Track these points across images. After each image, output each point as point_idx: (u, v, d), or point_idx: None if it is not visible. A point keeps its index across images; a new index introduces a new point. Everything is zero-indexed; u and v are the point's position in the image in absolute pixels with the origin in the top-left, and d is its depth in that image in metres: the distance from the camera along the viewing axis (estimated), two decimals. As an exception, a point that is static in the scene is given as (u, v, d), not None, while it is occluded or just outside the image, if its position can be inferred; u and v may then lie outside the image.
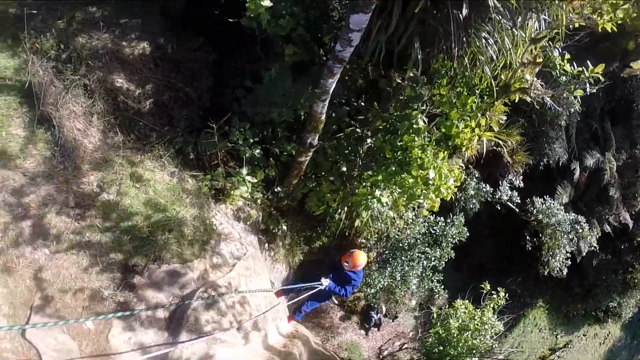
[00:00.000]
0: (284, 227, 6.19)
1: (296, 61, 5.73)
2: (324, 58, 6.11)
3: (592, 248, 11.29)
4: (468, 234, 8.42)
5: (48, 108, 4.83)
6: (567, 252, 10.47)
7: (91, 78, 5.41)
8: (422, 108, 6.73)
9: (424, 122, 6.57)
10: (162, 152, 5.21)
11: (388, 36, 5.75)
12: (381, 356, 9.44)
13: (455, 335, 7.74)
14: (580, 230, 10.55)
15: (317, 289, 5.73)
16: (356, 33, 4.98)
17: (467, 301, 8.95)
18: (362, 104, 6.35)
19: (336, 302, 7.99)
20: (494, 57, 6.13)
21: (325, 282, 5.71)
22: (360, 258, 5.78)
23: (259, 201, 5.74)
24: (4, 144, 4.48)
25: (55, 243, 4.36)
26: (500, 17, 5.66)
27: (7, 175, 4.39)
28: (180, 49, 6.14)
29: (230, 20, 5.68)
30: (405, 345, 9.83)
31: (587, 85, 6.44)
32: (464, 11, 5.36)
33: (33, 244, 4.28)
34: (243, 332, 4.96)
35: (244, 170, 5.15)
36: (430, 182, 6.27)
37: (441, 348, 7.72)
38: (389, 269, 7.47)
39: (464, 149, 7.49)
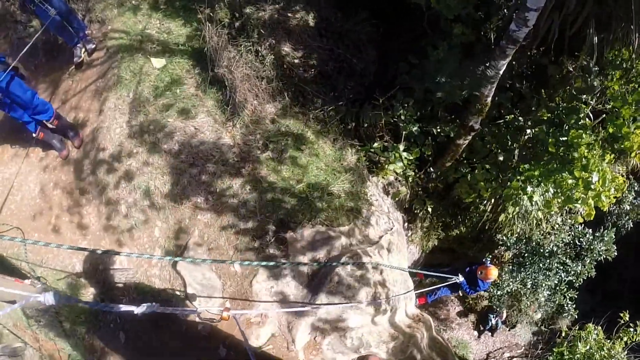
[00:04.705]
0: (429, 209, 6.12)
1: (464, 41, 5.49)
2: (492, 39, 5.77)
3: None
4: (616, 254, 7.48)
5: (222, 70, 5.22)
6: None
7: (263, 44, 5.77)
8: (591, 102, 6.08)
9: (589, 118, 6.01)
10: (326, 119, 5.40)
11: (562, 17, 5.29)
12: (486, 364, 8.90)
13: (578, 361, 6.98)
14: None
15: (451, 281, 6.13)
16: (533, 12, 4.61)
17: (599, 328, 8.07)
18: (527, 90, 5.88)
19: (460, 295, 7.67)
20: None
21: (461, 278, 6.16)
22: (494, 274, 6.32)
23: (409, 179, 5.70)
24: (178, 100, 5.02)
25: (218, 189, 4.76)
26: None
27: (180, 126, 4.89)
28: (344, 21, 6.25)
29: (399, -8, 5.60)
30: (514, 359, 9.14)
31: None
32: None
33: (197, 188, 4.71)
34: (376, 304, 4.99)
35: (402, 146, 5.13)
36: (592, 186, 5.70)
37: (560, 372, 7.04)
38: (522, 273, 6.95)
39: (632, 154, 6.66)
